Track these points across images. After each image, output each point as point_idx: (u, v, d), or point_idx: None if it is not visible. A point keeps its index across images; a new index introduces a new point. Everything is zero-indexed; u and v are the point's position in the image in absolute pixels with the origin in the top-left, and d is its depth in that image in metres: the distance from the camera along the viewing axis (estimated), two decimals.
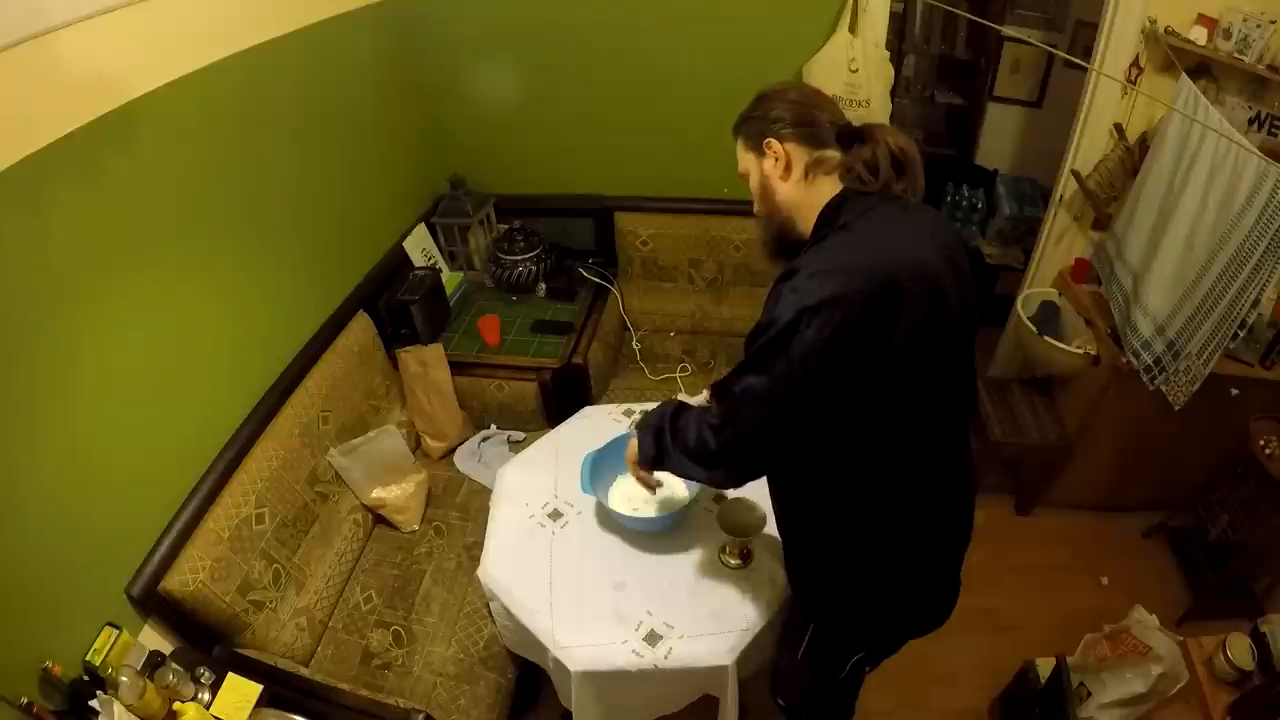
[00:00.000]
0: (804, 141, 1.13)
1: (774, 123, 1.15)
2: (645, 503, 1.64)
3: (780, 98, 1.17)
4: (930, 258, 1.03)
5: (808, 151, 1.13)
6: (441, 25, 2.47)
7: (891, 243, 1.03)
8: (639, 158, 2.67)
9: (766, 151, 1.15)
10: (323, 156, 2.07)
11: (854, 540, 1.20)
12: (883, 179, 1.07)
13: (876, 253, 1.01)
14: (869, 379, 0.99)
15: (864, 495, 1.14)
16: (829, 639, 1.36)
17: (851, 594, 1.27)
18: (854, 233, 1.04)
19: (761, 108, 1.18)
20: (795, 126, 1.13)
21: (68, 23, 1.26)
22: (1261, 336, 2.10)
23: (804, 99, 1.17)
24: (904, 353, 0.98)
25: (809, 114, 1.14)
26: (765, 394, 1.03)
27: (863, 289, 0.96)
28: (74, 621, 1.31)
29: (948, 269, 1.05)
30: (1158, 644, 1.81)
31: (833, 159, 1.11)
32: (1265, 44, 1.96)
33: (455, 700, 1.67)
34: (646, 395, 2.48)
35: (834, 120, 1.14)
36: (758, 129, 1.17)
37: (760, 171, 1.18)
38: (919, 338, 0.99)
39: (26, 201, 1.22)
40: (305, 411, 1.89)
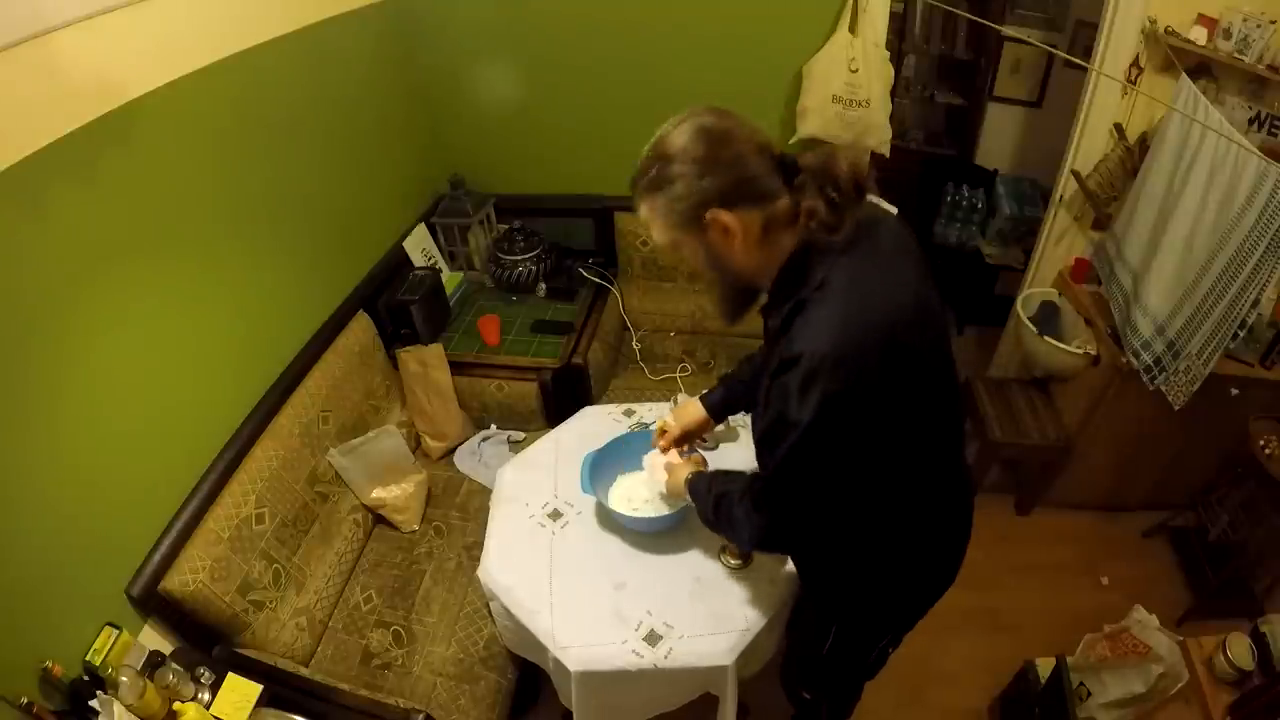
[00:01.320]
0: (753, 203, 0.98)
1: (706, 193, 0.97)
2: (645, 503, 1.64)
3: (699, 157, 0.96)
4: (910, 297, 1.00)
5: (760, 211, 0.99)
6: (442, 25, 2.47)
7: (876, 299, 0.97)
8: (639, 158, 2.67)
9: (709, 227, 0.99)
10: (323, 156, 2.07)
11: (877, 549, 1.22)
12: (845, 232, 0.97)
13: (868, 317, 0.95)
14: (888, 428, 1.02)
15: (882, 511, 1.16)
16: (854, 634, 1.40)
17: (875, 594, 1.30)
18: (836, 296, 0.96)
19: (679, 173, 0.98)
20: (737, 189, 0.97)
21: (68, 23, 1.26)
22: (1261, 336, 2.10)
23: (728, 147, 0.96)
24: (912, 395, 1.02)
25: (743, 166, 0.96)
26: (809, 487, 1.07)
27: (871, 364, 0.95)
28: (74, 621, 1.31)
29: (925, 294, 1.03)
30: (1158, 644, 1.81)
31: (785, 206, 0.99)
32: (1265, 44, 1.96)
33: (455, 700, 1.67)
34: (646, 395, 2.48)
35: (763, 149, 0.98)
36: (687, 206, 0.99)
37: (704, 245, 1.03)
38: (921, 377, 1.02)
39: (26, 201, 1.22)
40: (305, 411, 1.89)
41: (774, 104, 2.48)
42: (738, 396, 1.53)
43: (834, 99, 2.34)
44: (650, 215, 1.05)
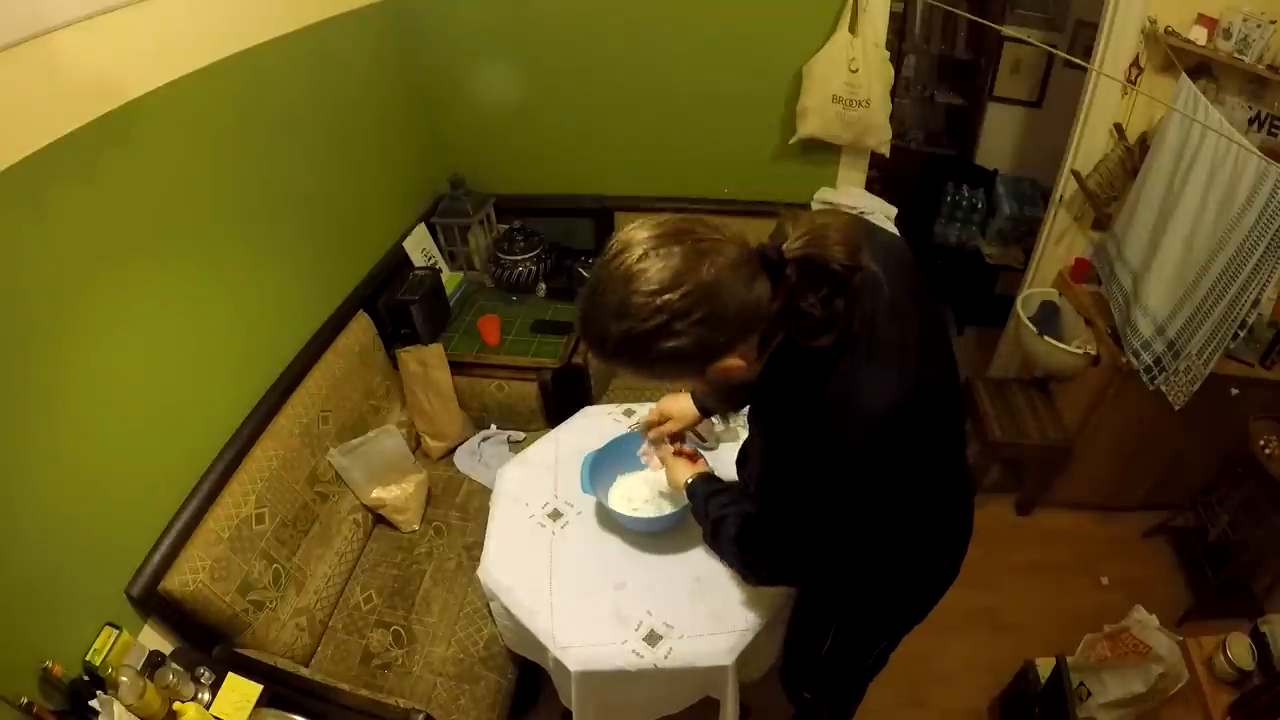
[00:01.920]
0: (752, 333, 0.87)
1: (708, 353, 0.85)
2: (645, 503, 1.64)
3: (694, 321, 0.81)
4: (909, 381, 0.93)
5: (758, 333, 0.88)
6: (442, 25, 2.47)
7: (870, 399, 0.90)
8: (639, 158, 2.67)
9: (712, 373, 0.90)
10: (322, 156, 2.07)
11: (877, 558, 1.21)
12: (837, 331, 0.87)
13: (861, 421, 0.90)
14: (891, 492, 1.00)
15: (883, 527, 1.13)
16: (853, 636, 1.41)
17: (875, 598, 1.31)
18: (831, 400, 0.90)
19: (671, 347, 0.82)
20: (739, 334, 0.85)
21: (68, 23, 1.26)
22: (1261, 336, 2.10)
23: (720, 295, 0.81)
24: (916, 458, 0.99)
25: (740, 309, 0.82)
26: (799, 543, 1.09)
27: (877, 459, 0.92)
28: (74, 621, 1.31)
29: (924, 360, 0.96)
30: (1158, 644, 1.81)
31: (775, 310, 0.86)
32: (1265, 44, 1.96)
33: (455, 700, 1.67)
34: (646, 395, 2.47)
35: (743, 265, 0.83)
36: (686, 370, 0.89)
37: (702, 383, 1.03)
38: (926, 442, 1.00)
39: (27, 201, 1.22)
40: (305, 411, 1.89)
41: (774, 104, 2.48)
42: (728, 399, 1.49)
43: (834, 99, 2.34)
44: (634, 373, 0.91)
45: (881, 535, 1.10)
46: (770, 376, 0.97)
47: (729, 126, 2.56)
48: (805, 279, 0.85)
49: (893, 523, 1.08)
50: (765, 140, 2.58)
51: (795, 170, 2.60)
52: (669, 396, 1.57)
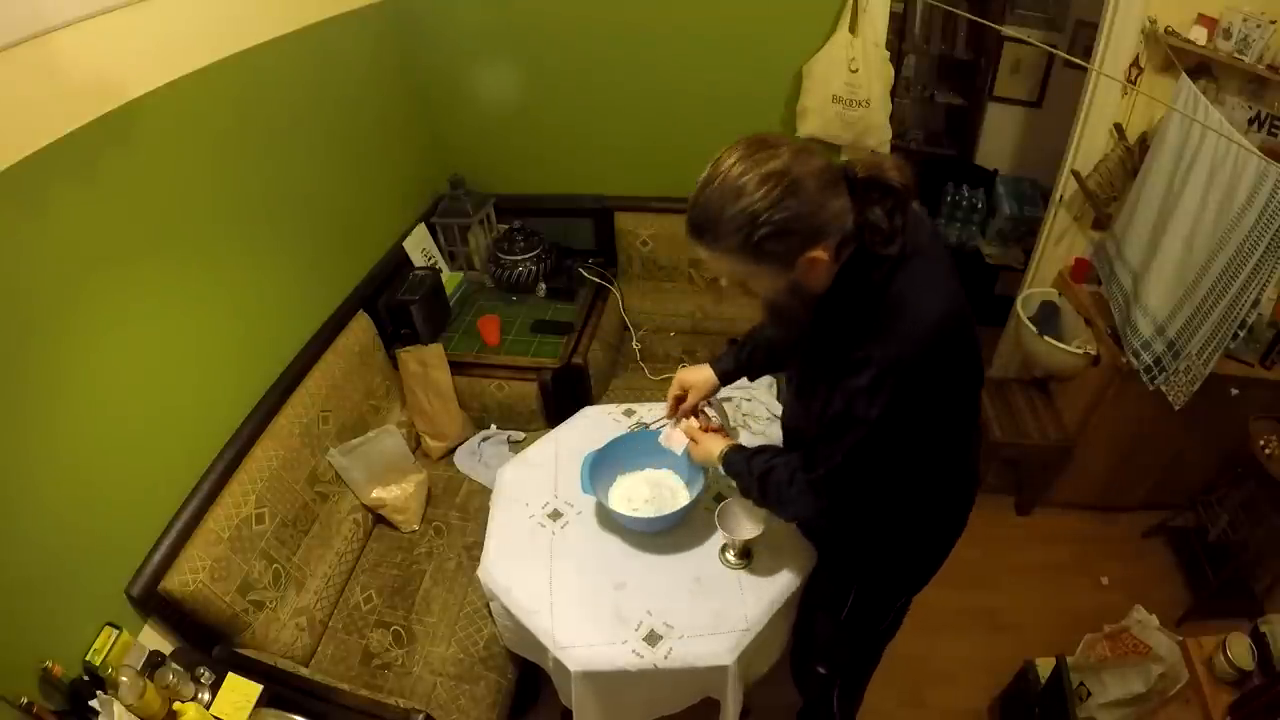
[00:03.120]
0: (835, 234, 0.99)
1: (803, 240, 0.97)
2: (645, 503, 1.64)
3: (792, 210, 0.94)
4: (955, 297, 1.07)
5: (837, 237, 1.00)
6: (442, 25, 2.47)
7: (934, 304, 1.04)
8: (639, 158, 2.67)
9: (798, 265, 0.99)
10: (322, 156, 2.07)
11: (902, 515, 1.29)
12: (898, 243, 1.02)
13: (929, 321, 1.02)
14: (942, 419, 1.12)
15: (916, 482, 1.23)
16: (874, 597, 1.46)
17: (895, 554, 1.38)
18: (898, 302, 1.03)
19: (771, 231, 0.95)
20: (826, 227, 0.97)
21: (68, 23, 1.26)
22: (1261, 336, 2.10)
23: (813, 191, 0.95)
24: (962, 387, 1.14)
25: (827, 205, 0.96)
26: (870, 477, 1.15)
27: (934, 365, 1.04)
28: (74, 621, 1.31)
29: (962, 292, 1.09)
30: (1158, 644, 1.81)
31: (850, 222, 1.00)
32: (1265, 44, 1.96)
33: (455, 700, 1.67)
34: (646, 395, 2.48)
35: (829, 173, 0.98)
36: (781, 255, 0.98)
37: (787, 280, 1.03)
38: (968, 368, 1.13)
39: (27, 201, 1.22)
40: (305, 411, 1.89)
41: (774, 104, 2.48)
42: (747, 366, 1.58)
43: (834, 99, 2.35)
44: (730, 265, 1.03)
45: (926, 457, 1.17)
46: (838, 290, 1.07)
47: (729, 126, 2.51)
48: (872, 195, 1.00)
49: (936, 444, 1.17)
50: None
51: None
52: (687, 368, 1.61)
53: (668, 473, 1.71)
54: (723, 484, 1.73)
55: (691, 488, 1.64)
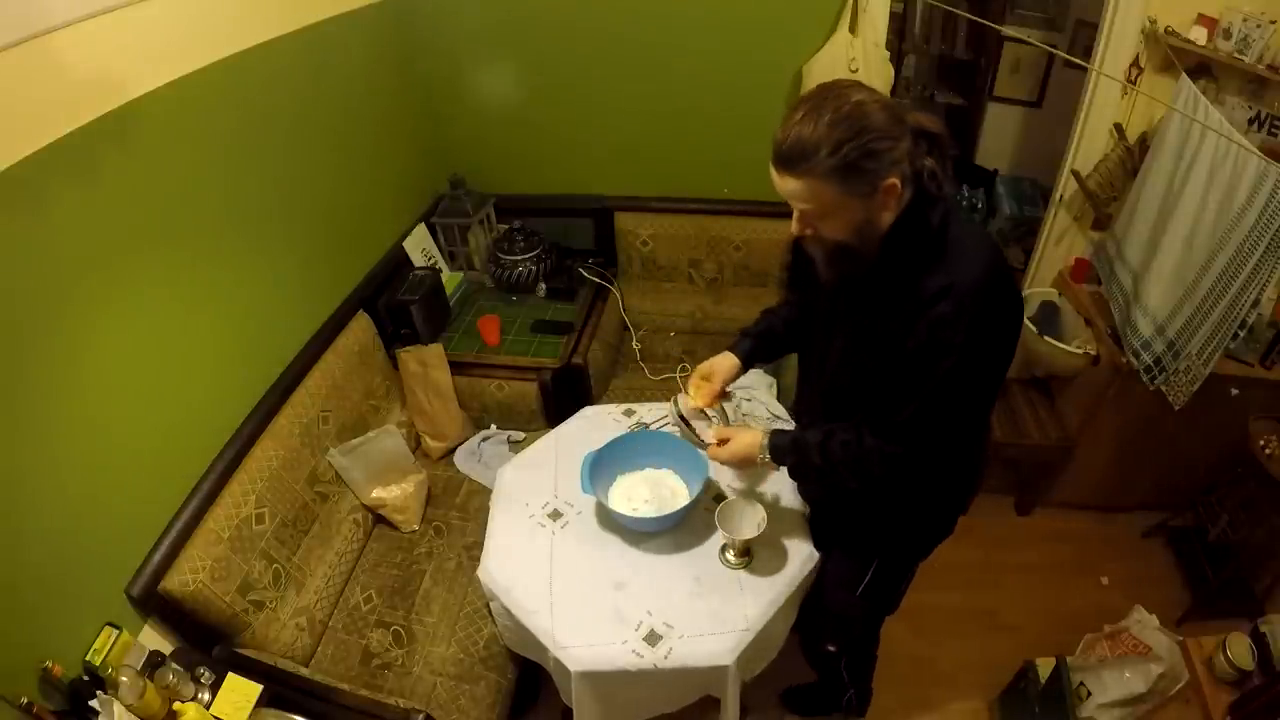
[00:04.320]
0: (906, 166, 1.07)
1: (893, 163, 1.04)
2: (645, 503, 1.64)
3: (886, 130, 1.02)
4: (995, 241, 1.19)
5: (903, 172, 1.07)
6: (441, 25, 2.47)
7: (981, 240, 1.16)
8: (639, 158, 2.67)
9: (878, 192, 1.06)
10: (322, 156, 2.07)
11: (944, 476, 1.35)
12: (948, 187, 1.12)
13: (994, 253, 1.15)
14: (1010, 346, 1.18)
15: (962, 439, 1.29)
16: (891, 569, 1.53)
17: (923, 517, 1.43)
18: (965, 236, 1.12)
19: (872, 148, 1.02)
20: (903, 152, 1.05)
21: (68, 23, 1.26)
22: (1261, 336, 2.10)
23: (900, 117, 1.05)
24: (1017, 321, 1.19)
25: (906, 135, 1.05)
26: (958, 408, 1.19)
27: (1008, 290, 1.14)
28: (74, 621, 1.31)
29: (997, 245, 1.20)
30: (1158, 644, 1.81)
31: (909, 168, 1.08)
32: (1265, 44, 1.96)
33: (455, 700, 1.67)
34: (646, 395, 2.48)
35: (896, 108, 1.06)
36: (874, 168, 1.03)
37: (865, 211, 1.08)
38: (1018, 306, 1.19)
39: (27, 201, 1.22)
40: (305, 411, 1.89)
41: (774, 104, 2.48)
42: (764, 348, 1.61)
43: None
44: (820, 191, 1.07)
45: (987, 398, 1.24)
46: (903, 229, 1.11)
47: (729, 127, 2.55)
48: (919, 140, 1.08)
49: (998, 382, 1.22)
50: (765, 140, 2.51)
51: None
52: (712, 360, 1.62)
53: (668, 473, 1.71)
54: (723, 484, 1.73)
55: (691, 488, 1.64)
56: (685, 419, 1.76)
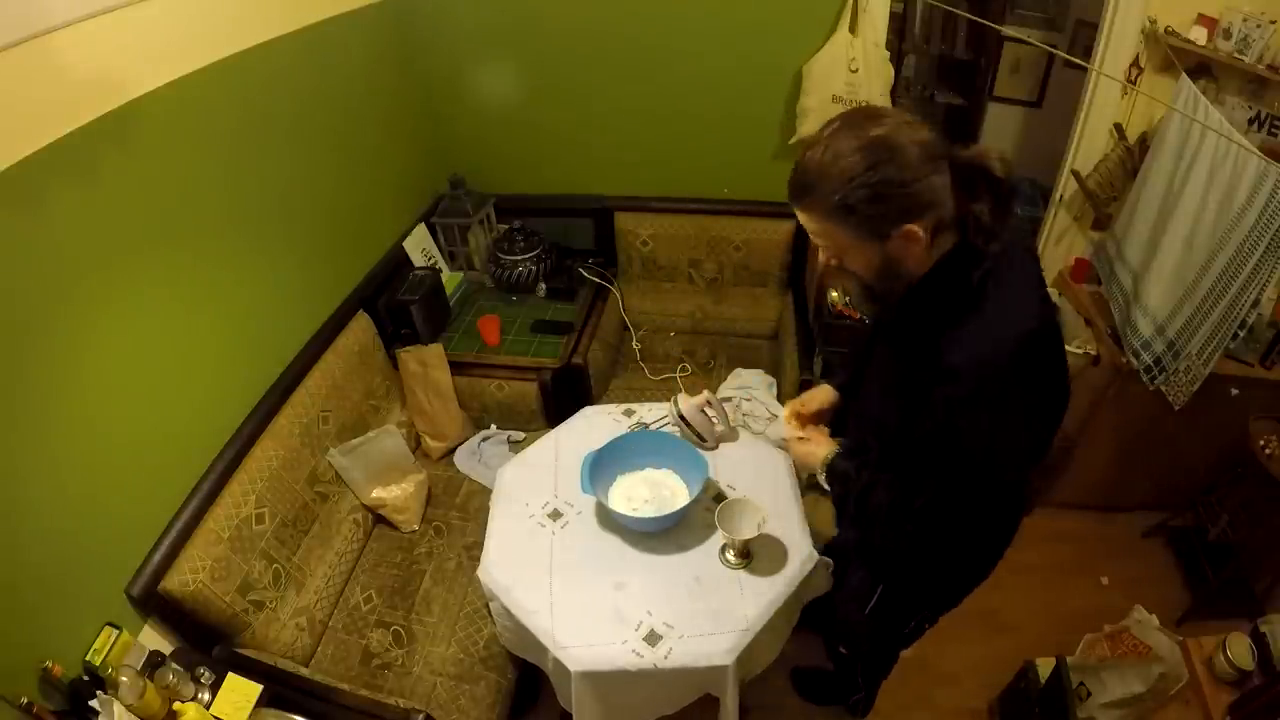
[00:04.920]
0: (933, 212, 0.98)
1: (901, 211, 0.96)
2: (645, 503, 1.64)
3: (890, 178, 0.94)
4: (1044, 309, 1.06)
5: (934, 217, 0.98)
6: (442, 25, 2.47)
7: (1021, 309, 1.02)
8: (639, 158, 2.67)
9: (893, 238, 0.98)
10: (322, 156, 2.07)
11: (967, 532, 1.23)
12: (1000, 240, 0.99)
13: (1015, 325, 1.00)
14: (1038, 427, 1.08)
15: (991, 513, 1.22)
16: (896, 602, 1.48)
17: (929, 570, 1.37)
18: (990, 303, 1.01)
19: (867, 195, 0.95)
20: (923, 201, 0.96)
21: (68, 23, 1.26)
22: (1261, 336, 2.10)
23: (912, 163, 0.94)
24: (1049, 401, 1.08)
25: (927, 179, 0.95)
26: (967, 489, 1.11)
27: (1022, 375, 1.00)
28: (74, 621, 1.31)
29: (1051, 305, 1.09)
30: (1158, 644, 1.81)
31: (951, 208, 0.99)
32: (1265, 44, 1.96)
33: (455, 700, 1.67)
34: (646, 395, 2.48)
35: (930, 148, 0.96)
36: (877, 223, 0.97)
37: (882, 254, 1.01)
38: (1054, 384, 1.08)
39: (27, 201, 1.22)
40: (305, 411, 1.89)
41: (774, 104, 2.48)
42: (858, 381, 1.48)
43: (834, 99, 2.34)
44: (828, 229, 1.01)
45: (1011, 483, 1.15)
46: (933, 281, 1.04)
47: (729, 127, 2.56)
48: (975, 183, 0.98)
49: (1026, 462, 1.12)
50: (765, 140, 2.58)
51: None
52: (812, 393, 1.54)
53: (668, 473, 1.71)
54: (723, 484, 1.73)
55: (691, 488, 1.64)
56: (685, 419, 1.77)
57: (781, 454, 1.84)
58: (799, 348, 2.43)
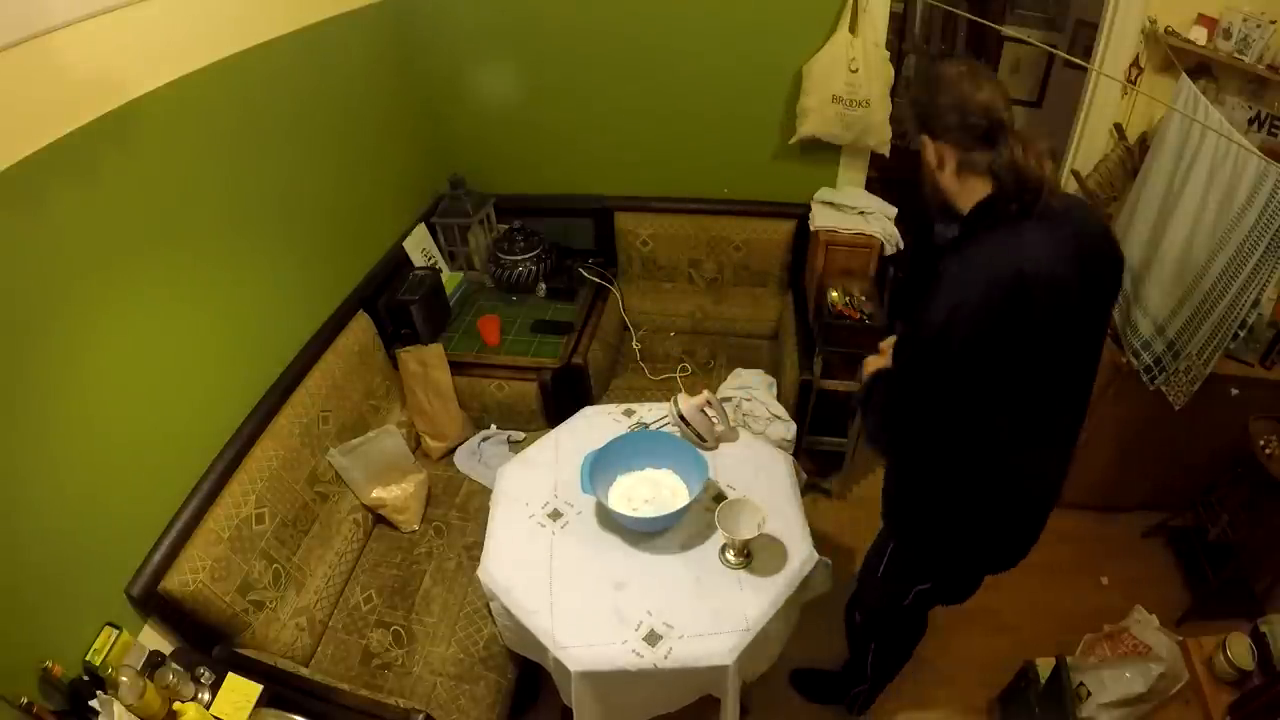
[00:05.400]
0: (955, 144, 1.18)
1: (932, 119, 1.20)
2: (645, 503, 1.64)
3: (943, 91, 1.18)
4: (1063, 269, 1.12)
5: (958, 152, 1.18)
6: (442, 25, 2.47)
7: (1029, 252, 1.11)
8: (639, 158, 2.67)
9: (923, 146, 1.22)
10: (323, 156, 2.07)
11: (953, 485, 1.34)
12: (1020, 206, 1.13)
13: (1013, 263, 1.10)
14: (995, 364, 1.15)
15: (974, 452, 1.28)
16: (903, 561, 1.53)
17: (934, 527, 1.42)
18: (997, 241, 1.14)
19: (928, 98, 1.20)
20: (947, 130, 1.17)
21: (68, 23, 1.26)
22: (1261, 336, 2.10)
23: (950, 93, 1.17)
24: (1025, 348, 1.14)
25: (963, 116, 1.15)
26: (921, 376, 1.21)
27: (996, 298, 1.10)
28: (74, 621, 1.31)
29: (1077, 278, 1.13)
30: (1158, 644, 1.81)
31: (981, 161, 1.16)
32: (1265, 44, 1.95)
33: (455, 700, 1.67)
34: (646, 395, 2.48)
35: (985, 108, 1.15)
36: (921, 121, 1.22)
37: (924, 158, 1.25)
38: (1038, 339, 1.14)
39: (27, 201, 1.22)
40: (305, 411, 1.89)
41: (774, 104, 2.48)
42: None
43: (834, 99, 2.35)
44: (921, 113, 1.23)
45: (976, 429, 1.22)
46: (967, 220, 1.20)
47: (729, 127, 2.56)
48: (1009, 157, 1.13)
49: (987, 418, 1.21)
50: (765, 140, 2.58)
51: (795, 170, 2.60)
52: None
53: (668, 473, 1.72)
54: (723, 484, 1.73)
55: (691, 488, 1.64)
56: (685, 419, 1.77)
57: (782, 454, 1.84)
58: (799, 348, 2.43)
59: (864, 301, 2.32)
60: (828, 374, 2.38)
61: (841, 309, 2.31)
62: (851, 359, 2.42)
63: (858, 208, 2.51)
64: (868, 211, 2.50)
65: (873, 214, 2.50)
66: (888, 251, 2.47)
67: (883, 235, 2.44)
